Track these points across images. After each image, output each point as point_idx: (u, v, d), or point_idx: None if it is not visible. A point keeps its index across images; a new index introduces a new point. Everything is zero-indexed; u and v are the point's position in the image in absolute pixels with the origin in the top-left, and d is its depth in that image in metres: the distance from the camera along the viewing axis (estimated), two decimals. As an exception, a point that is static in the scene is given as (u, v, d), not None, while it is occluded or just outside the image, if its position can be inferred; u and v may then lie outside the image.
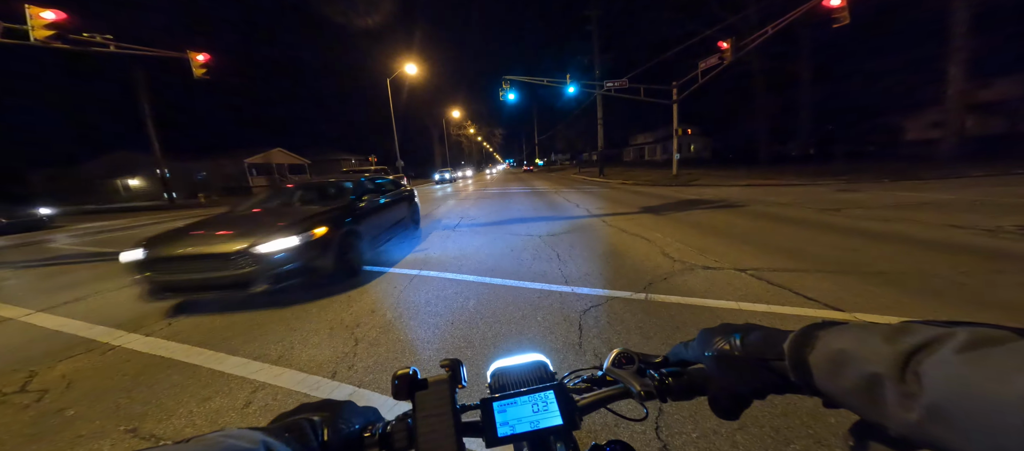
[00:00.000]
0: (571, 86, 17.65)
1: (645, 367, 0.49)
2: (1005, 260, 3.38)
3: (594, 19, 24.23)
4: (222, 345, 2.68)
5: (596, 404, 0.49)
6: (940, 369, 0.25)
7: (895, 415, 0.27)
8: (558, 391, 0.47)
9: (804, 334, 0.36)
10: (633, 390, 0.45)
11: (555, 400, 0.46)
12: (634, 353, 0.50)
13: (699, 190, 11.93)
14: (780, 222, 5.88)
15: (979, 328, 0.27)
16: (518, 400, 0.46)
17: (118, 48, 10.11)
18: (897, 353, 0.27)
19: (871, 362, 0.29)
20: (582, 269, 3.94)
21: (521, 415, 0.45)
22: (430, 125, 48.28)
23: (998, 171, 10.28)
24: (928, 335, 0.27)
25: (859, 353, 0.30)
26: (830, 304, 2.71)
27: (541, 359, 0.56)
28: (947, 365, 0.25)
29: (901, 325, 0.30)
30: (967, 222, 4.91)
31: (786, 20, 11.52)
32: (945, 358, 0.25)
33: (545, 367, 0.54)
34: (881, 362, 0.28)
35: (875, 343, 0.29)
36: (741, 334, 0.42)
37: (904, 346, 0.27)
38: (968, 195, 7.16)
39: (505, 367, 0.55)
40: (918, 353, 0.27)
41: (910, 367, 0.26)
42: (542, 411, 0.45)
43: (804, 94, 23.22)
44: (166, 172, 23.45)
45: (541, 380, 0.50)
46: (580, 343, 2.38)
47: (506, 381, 0.52)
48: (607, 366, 0.50)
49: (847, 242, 4.38)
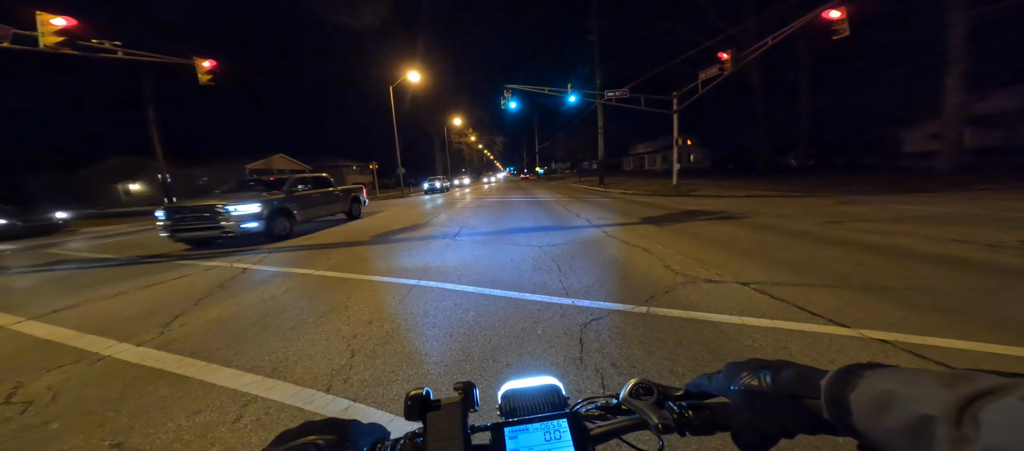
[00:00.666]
0: (572, 95, 17.80)
1: (664, 398, 0.47)
2: (1009, 277, 3.35)
3: (595, 29, 24.57)
4: (214, 356, 2.62)
5: (610, 434, 0.48)
6: (1003, 415, 0.25)
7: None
8: (572, 420, 0.45)
9: (847, 372, 0.35)
10: (650, 422, 0.44)
11: (568, 429, 0.45)
12: (653, 384, 0.48)
13: (699, 201, 11.94)
14: (782, 234, 5.85)
15: None
16: (530, 427, 0.45)
17: (126, 55, 10.26)
18: (956, 397, 0.27)
19: (925, 404, 0.28)
20: (583, 281, 3.89)
21: (532, 442, 0.43)
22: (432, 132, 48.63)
23: (997, 184, 10.30)
24: (992, 383, 0.27)
25: (911, 395, 0.30)
26: (835, 320, 2.66)
27: (554, 383, 0.54)
28: (1011, 411, 0.24)
29: (961, 372, 0.30)
30: (969, 237, 4.89)
31: (786, 32, 11.67)
32: (1010, 405, 0.25)
33: (558, 391, 0.52)
34: (937, 405, 0.28)
35: (930, 386, 0.29)
36: (772, 371, 0.41)
37: (965, 391, 0.27)
38: (969, 208, 7.15)
39: (517, 389, 0.53)
40: (979, 399, 0.26)
41: (969, 411, 0.26)
42: (554, 440, 0.44)
43: (804, 105, 23.43)
44: (168, 177, 23.51)
45: (554, 406, 0.49)
46: (581, 358, 2.32)
47: (517, 405, 0.50)
48: (624, 395, 0.49)
49: (850, 256, 4.35)
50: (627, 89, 16.77)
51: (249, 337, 2.91)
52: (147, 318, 3.48)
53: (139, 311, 3.73)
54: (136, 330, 3.20)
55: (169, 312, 3.62)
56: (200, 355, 2.65)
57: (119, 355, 2.74)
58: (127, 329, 3.23)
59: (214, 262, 6.07)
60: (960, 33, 13.84)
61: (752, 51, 13.08)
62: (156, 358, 2.65)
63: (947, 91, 14.42)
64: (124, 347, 2.87)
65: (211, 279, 4.90)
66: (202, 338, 2.95)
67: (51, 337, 3.18)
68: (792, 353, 2.28)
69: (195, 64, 11.01)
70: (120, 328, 3.27)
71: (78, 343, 3.01)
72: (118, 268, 6.13)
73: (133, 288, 4.69)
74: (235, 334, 2.98)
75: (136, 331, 3.18)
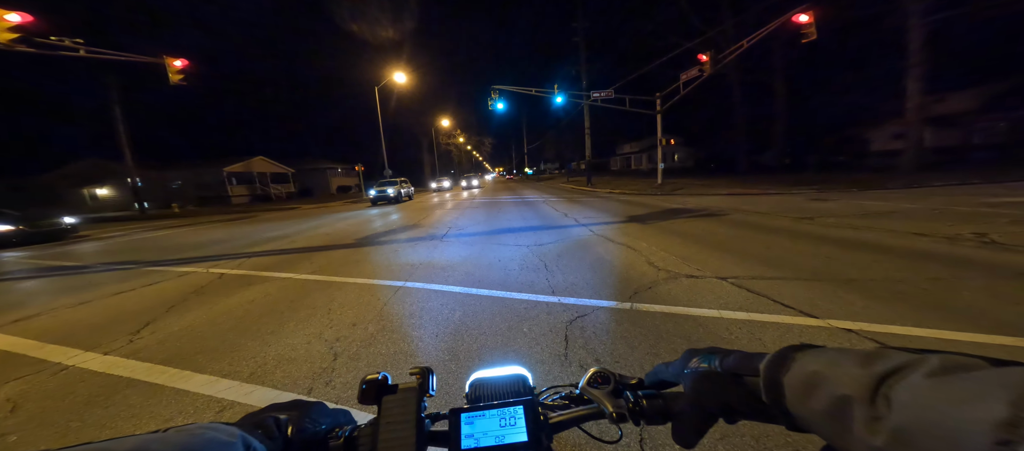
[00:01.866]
0: (559, 96, 17.96)
1: (622, 387, 0.48)
2: (965, 267, 3.57)
3: (581, 31, 24.86)
4: (188, 363, 2.53)
5: (569, 423, 0.49)
6: (909, 393, 0.25)
7: (861, 438, 0.27)
8: (528, 407, 0.46)
9: (781, 355, 0.36)
10: (606, 411, 0.44)
11: (523, 416, 0.45)
12: (611, 373, 0.48)
13: (683, 199, 12.23)
14: (758, 231, 6.07)
15: (951, 355, 0.27)
16: (487, 413, 0.46)
17: (89, 53, 9.65)
18: (870, 376, 0.28)
19: (843, 385, 0.29)
20: (569, 279, 3.94)
21: (487, 429, 0.44)
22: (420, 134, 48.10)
23: (955, 181, 10.96)
24: (901, 360, 0.28)
25: (833, 376, 0.30)
26: (806, 311, 2.78)
27: (521, 372, 0.55)
28: (917, 389, 0.25)
29: (876, 350, 0.30)
30: (929, 230, 5.19)
31: (760, 34, 12.11)
32: (915, 382, 0.25)
33: (524, 381, 0.53)
34: (853, 385, 0.28)
35: (849, 366, 0.30)
36: (720, 356, 0.42)
37: (877, 370, 0.28)
38: (929, 204, 7.59)
39: (484, 378, 0.54)
40: (890, 377, 0.27)
41: (881, 391, 0.27)
42: (509, 426, 0.45)
43: (779, 106, 24.33)
44: (138, 181, 22.42)
45: (518, 394, 0.50)
46: (566, 354, 2.36)
47: (483, 393, 0.51)
48: (582, 385, 0.49)
49: (821, 250, 4.55)
50: (612, 90, 17.05)
51: (225, 343, 2.82)
52: (115, 326, 3.32)
53: (106, 319, 3.56)
54: (103, 339, 3.05)
55: (139, 320, 3.46)
56: (173, 363, 2.55)
57: (84, 364, 2.61)
58: (93, 338, 3.08)
59: (189, 268, 5.84)
60: (918, 38, 14.67)
61: (729, 53, 13.52)
62: (125, 366, 2.54)
63: (908, 93, 15.26)
64: (90, 356, 2.74)
65: (185, 285, 4.71)
66: (176, 345, 2.84)
67: (10, 348, 3.00)
68: (765, 344, 2.37)
69: (165, 63, 10.45)
70: (85, 337, 3.11)
71: (39, 354, 2.85)
72: (82, 276, 5.82)
73: (99, 296, 4.46)
74: (210, 340, 2.88)
75: (102, 340, 3.03)
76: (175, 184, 32.79)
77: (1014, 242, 4.27)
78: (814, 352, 0.34)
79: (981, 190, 9.01)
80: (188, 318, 3.41)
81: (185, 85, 10.58)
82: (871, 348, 0.31)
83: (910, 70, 14.99)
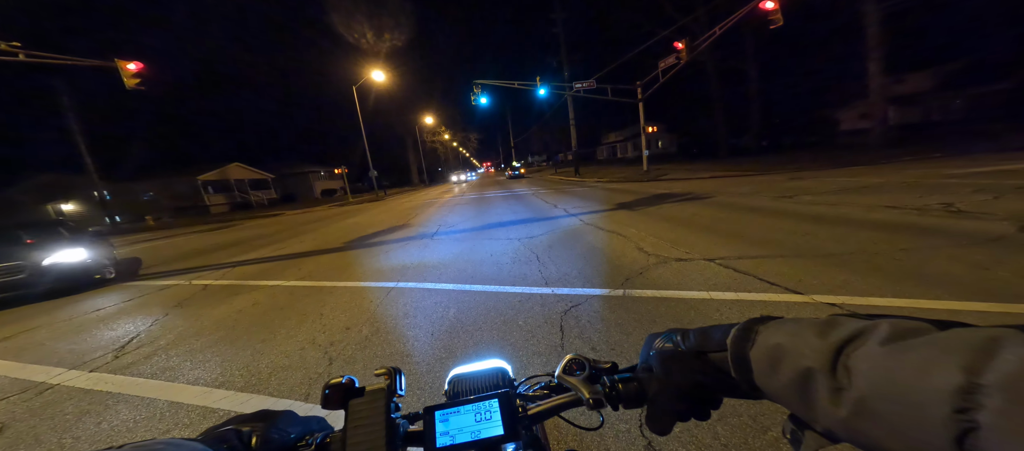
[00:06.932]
0: (541, 88, 17.91)
1: (597, 373, 0.47)
2: (935, 236, 3.77)
3: (560, 22, 24.78)
4: (179, 375, 2.46)
5: (547, 413, 0.48)
6: (867, 362, 0.25)
7: (825, 410, 0.27)
8: (503, 400, 0.46)
9: (745, 329, 0.35)
10: (583, 398, 0.44)
11: (498, 409, 0.45)
12: (586, 359, 0.48)
13: (669, 184, 12.46)
14: (741, 211, 6.25)
15: (898, 320, 0.27)
16: (461, 409, 0.45)
17: (28, 57, 8.72)
18: (828, 346, 0.28)
19: (805, 356, 0.29)
20: (562, 270, 3.98)
21: (463, 424, 0.44)
22: (403, 133, 47.23)
23: (918, 155, 11.52)
24: (855, 328, 0.28)
25: (795, 348, 0.30)
26: (790, 287, 2.90)
27: (501, 365, 0.54)
28: (873, 358, 0.25)
29: (830, 318, 0.30)
30: (899, 203, 5.45)
31: (730, 22, 12.33)
32: (871, 351, 0.25)
33: (504, 374, 0.52)
34: (814, 356, 0.28)
35: (808, 337, 0.30)
36: (681, 335, 0.42)
37: (834, 339, 0.28)
38: (897, 178, 7.96)
39: (463, 374, 0.53)
40: (848, 346, 0.27)
41: (841, 360, 0.27)
42: (484, 420, 0.44)
43: (753, 90, 24.92)
44: (105, 193, 21.32)
45: (496, 387, 0.49)
46: (562, 345, 2.39)
47: (462, 389, 0.50)
48: (558, 373, 0.48)
49: (801, 227, 4.73)
50: (594, 80, 17.09)
51: (216, 354, 2.75)
52: (97, 343, 3.19)
53: (87, 337, 3.42)
54: (86, 356, 2.93)
55: (122, 336, 3.34)
56: (163, 376, 2.48)
57: (70, 382, 2.51)
58: (75, 356, 2.96)
59: (169, 281, 5.64)
60: (875, 21, 15.26)
61: (703, 40, 13.73)
62: (113, 382, 2.45)
63: (870, 74, 15.89)
64: (74, 374, 2.63)
65: (168, 298, 4.55)
66: (164, 359, 2.76)
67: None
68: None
69: (118, 66, 9.35)
70: (67, 356, 2.98)
71: (20, 374, 2.72)
72: (54, 298, 5.54)
73: (78, 314, 4.27)
74: (200, 352, 2.81)
75: (86, 357, 2.91)
76: (147, 195, 31.35)
77: (979, 210, 4.53)
78: (776, 324, 0.34)
79: (944, 163, 9.48)
80: (174, 332, 3.31)
81: (144, 90, 9.81)
82: (826, 317, 0.31)
83: (870, 52, 15.59)
